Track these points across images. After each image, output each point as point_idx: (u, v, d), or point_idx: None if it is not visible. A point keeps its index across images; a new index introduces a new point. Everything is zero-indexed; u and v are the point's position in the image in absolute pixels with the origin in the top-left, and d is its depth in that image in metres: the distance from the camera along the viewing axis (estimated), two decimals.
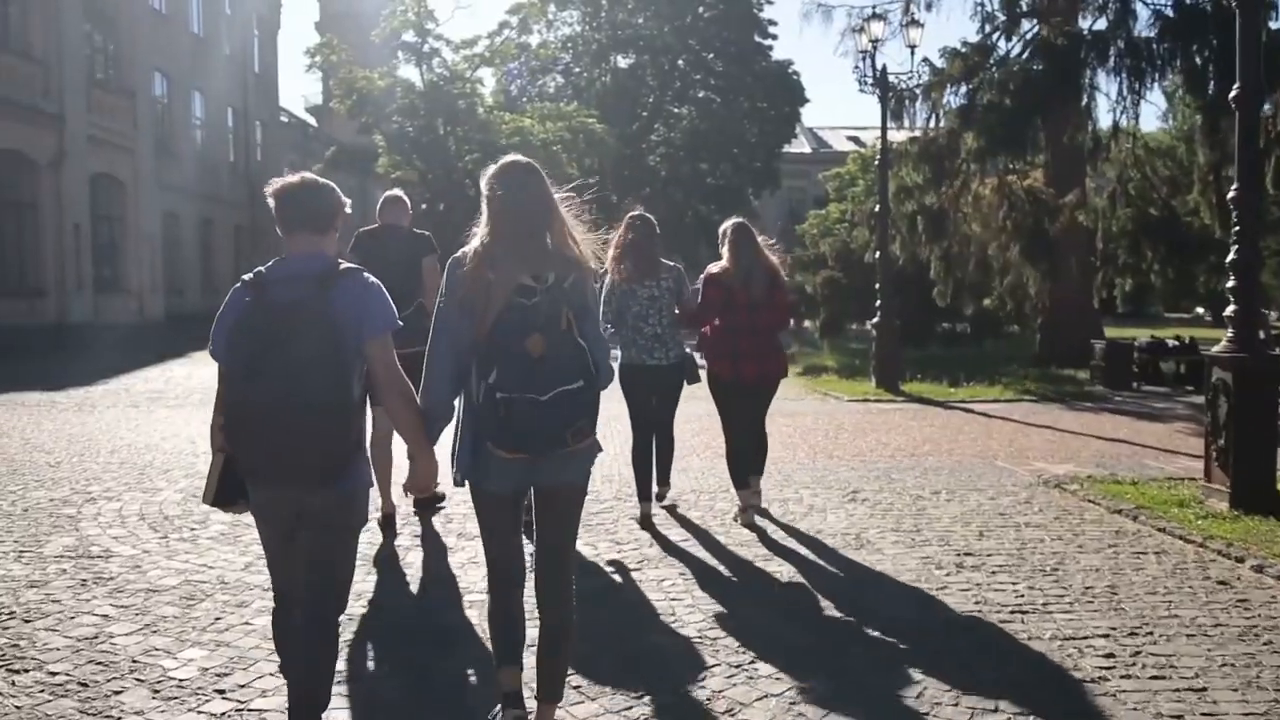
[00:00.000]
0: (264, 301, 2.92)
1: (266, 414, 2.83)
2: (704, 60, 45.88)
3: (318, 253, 3.04)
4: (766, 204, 56.61)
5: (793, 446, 9.53)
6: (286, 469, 2.89)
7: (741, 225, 6.52)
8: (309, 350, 2.84)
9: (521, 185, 3.04)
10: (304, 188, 3.06)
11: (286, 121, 51.01)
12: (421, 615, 4.75)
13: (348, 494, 3.02)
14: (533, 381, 2.81)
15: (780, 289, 6.45)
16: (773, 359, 6.42)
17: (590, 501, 6.94)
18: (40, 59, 23.48)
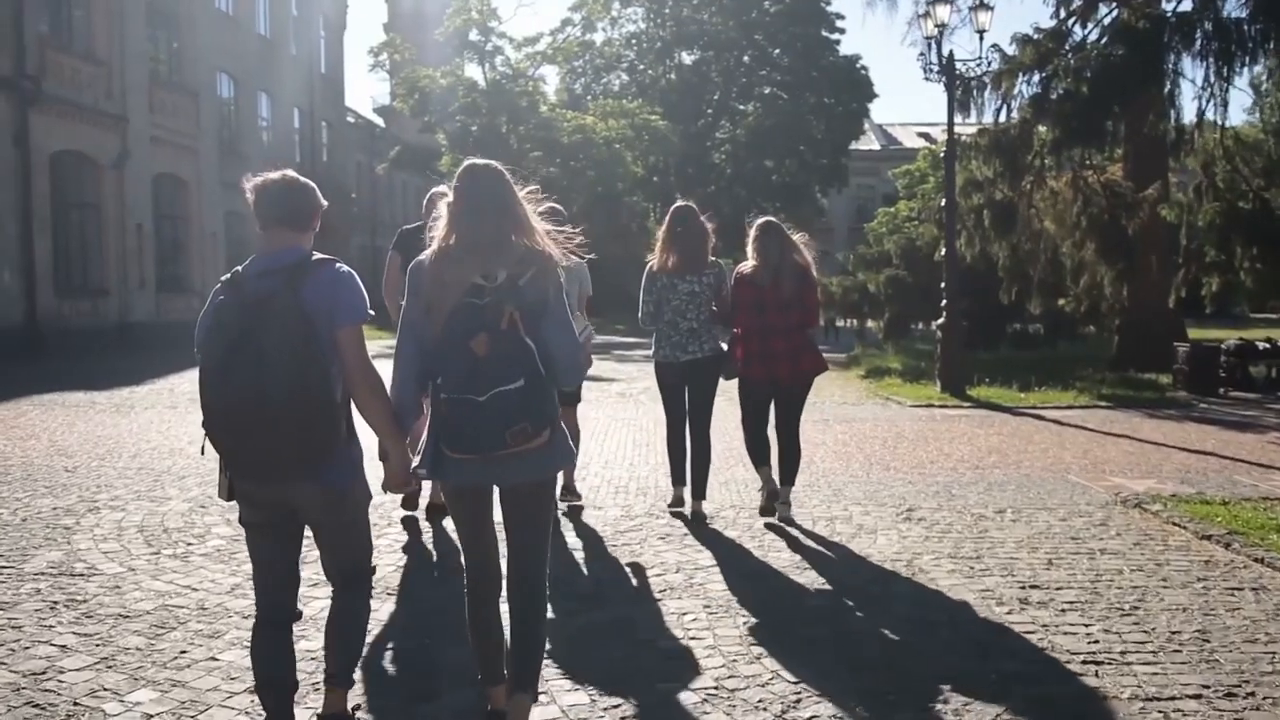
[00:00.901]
0: (237, 298, 2.92)
1: (241, 409, 2.82)
2: (769, 55, 45.16)
3: (293, 247, 3.02)
4: (834, 202, 55.71)
5: (846, 457, 8.89)
6: (265, 464, 2.89)
7: (768, 224, 6.39)
8: (280, 343, 2.82)
9: (482, 186, 3.02)
10: (284, 184, 3.05)
11: (353, 122, 51.32)
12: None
13: (336, 488, 2.99)
14: (472, 382, 2.79)
15: (811, 287, 6.29)
16: (806, 358, 6.29)
17: (620, 517, 6.47)
18: (104, 61, 23.66)
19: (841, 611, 4.68)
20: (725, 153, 46.50)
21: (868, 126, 53.92)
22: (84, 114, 22.55)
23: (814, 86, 44.06)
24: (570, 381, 3.14)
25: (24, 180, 20.48)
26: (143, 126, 24.73)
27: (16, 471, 7.88)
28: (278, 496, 2.98)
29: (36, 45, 20.99)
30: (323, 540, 3.12)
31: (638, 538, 5.99)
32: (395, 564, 5.39)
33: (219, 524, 6.19)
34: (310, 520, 3.07)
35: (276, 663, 3.11)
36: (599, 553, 5.68)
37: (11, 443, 9.29)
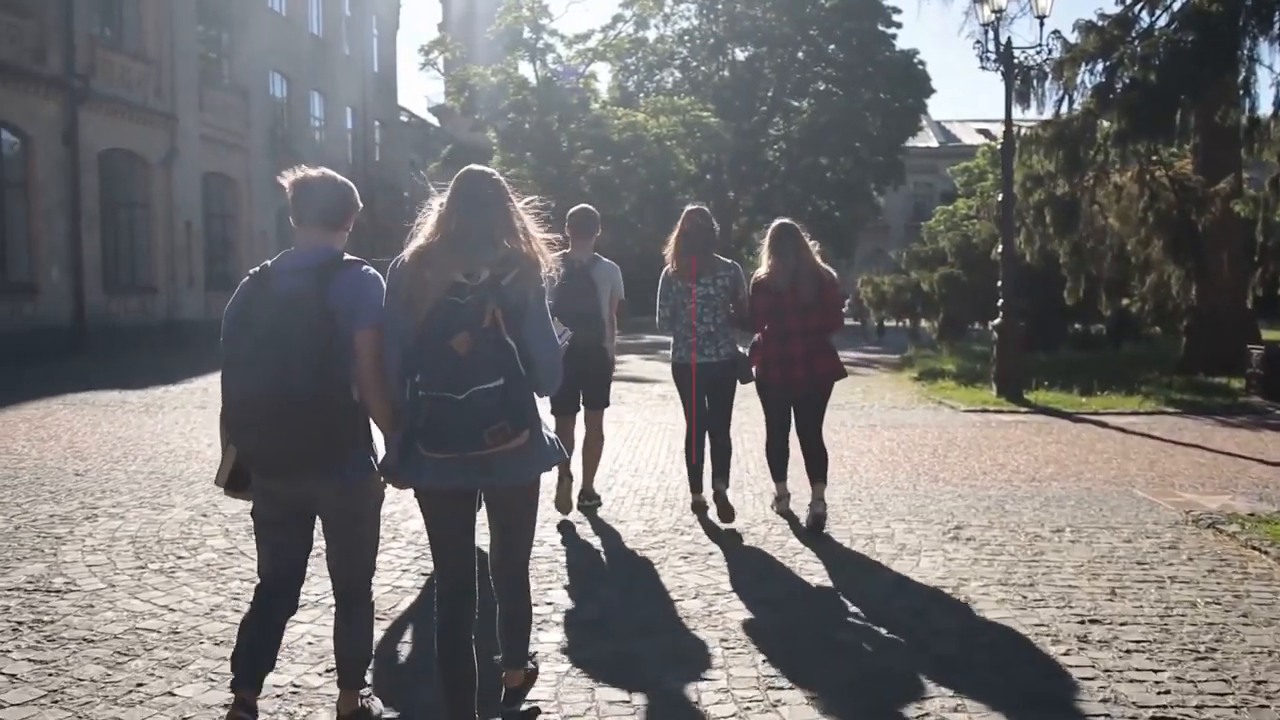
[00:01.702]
0: (264, 293, 2.95)
1: (260, 403, 2.86)
2: (824, 51, 44.30)
3: (325, 247, 3.05)
4: (891, 200, 54.67)
5: (893, 466, 8.34)
6: (282, 459, 2.92)
7: (784, 226, 6.28)
8: (303, 340, 2.85)
9: (474, 188, 3.01)
10: (322, 183, 3.08)
11: (406, 121, 51.48)
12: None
13: (353, 485, 3.03)
14: (452, 380, 2.75)
15: (829, 290, 6.16)
16: (822, 362, 6.18)
17: (642, 533, 6.01)
18: (154, 59, 23.73)
19: (874, 649, 4.17)
20: (779, 150, 45.72)
21: (925, 123, 52.78)
22: (133, 112, 22.61)
23: (869, 82, 43.10)
24: (550, 387, 3.03)
25: (73, 178, 20.55)
26: (192, 125, 24.78)
27: (26, 475, 7.64)
28: (294, 490, 3.03)
29: (87, 44, 21.06)
30: (333, 535, 3.14)
31: (658, 556, 5.53)
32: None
33: (215, 535, 5.85)
34: (325, 515, 3.11)
35: (258, 644, 3.14)
36: (613, 573, 5.24)
37: (31, 443, 9.09)
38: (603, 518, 6.48)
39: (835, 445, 9.26)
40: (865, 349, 26.48)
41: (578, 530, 6.09)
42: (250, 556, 5.37)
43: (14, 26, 19.35)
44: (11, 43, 19.24)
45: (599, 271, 6.23)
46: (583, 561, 5.43)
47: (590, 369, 6.04)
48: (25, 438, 9.41)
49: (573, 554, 5.57)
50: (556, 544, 5.75)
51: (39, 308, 19.79)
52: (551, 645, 4.13)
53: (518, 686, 3.34)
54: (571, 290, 5.79)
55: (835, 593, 4.90)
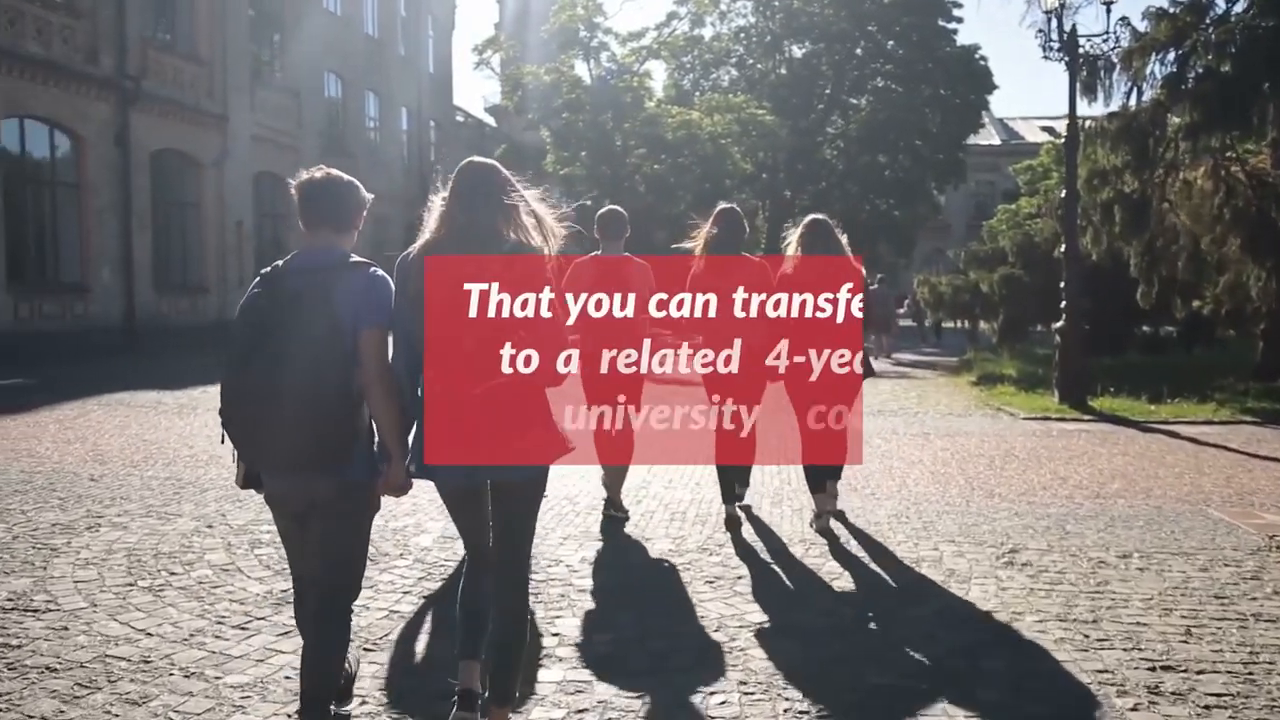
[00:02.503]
0: (271, 293, 2.96)
1: (257, 401, 2.86)
2: (882, 47, 43.42)
3: (333, 248, 3.06)
4: (951, 199, 53.57)
5: (944, 480, 7.80)
6: (280, 456, 2.93)
7: (816, 222, 6.21)
8: (305, 341, 2.85)
9: (475, 181, 3.04)
10: (326, 184, 3.08)
11: (462, 121, 51.53)
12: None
13: (352, 484, 3.00)
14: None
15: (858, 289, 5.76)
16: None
17: (668, 551, 5.59)
18: (206, 61, 23.82)
19: (913, 696, 3.68)
20: (836, 148, 44.90)
21: (987, 120, 51.57)
22: (185, 113, 22.71)
23: (929, 78, 42.09)
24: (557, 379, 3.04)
25: (125, 178, 20.67)
26: (244, 125, 24.85)
27: (40, 480, 7.42)
28: (297, 489, 3.02)
29: (139, 45, 21.17)
30: (323, 541, 3.09)
31: (682, 580, 5.10)
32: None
33: (216, 548, 5.54)
34: (320, 515, 3.05)
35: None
36: (630, 599, 4.81)
37: (55, 446, 8.91)
38: (628, 533, 6.07)
39: (884, 456, 8.80)
40: (922, 351, 25.78)
41: (599, 548, 5.69)
42: (248, 574, 5.08)
43: (67, 28, 19.49)
44: (64, 44, 19.37)
45: (629, 270, 6.16)
46: (600, 585, 5.01)
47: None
48: (52, 439, 9.25)
49: (590, 576, 5.15)
50: (574, 564, 5.34)
51: (90, 307, 19.92)
52: (550, 685, 3.73)
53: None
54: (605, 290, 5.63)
55: (874, 627, 4.43)
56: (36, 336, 18.29)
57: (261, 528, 5.97)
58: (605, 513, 6.27)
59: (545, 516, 6.35)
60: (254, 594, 4.75)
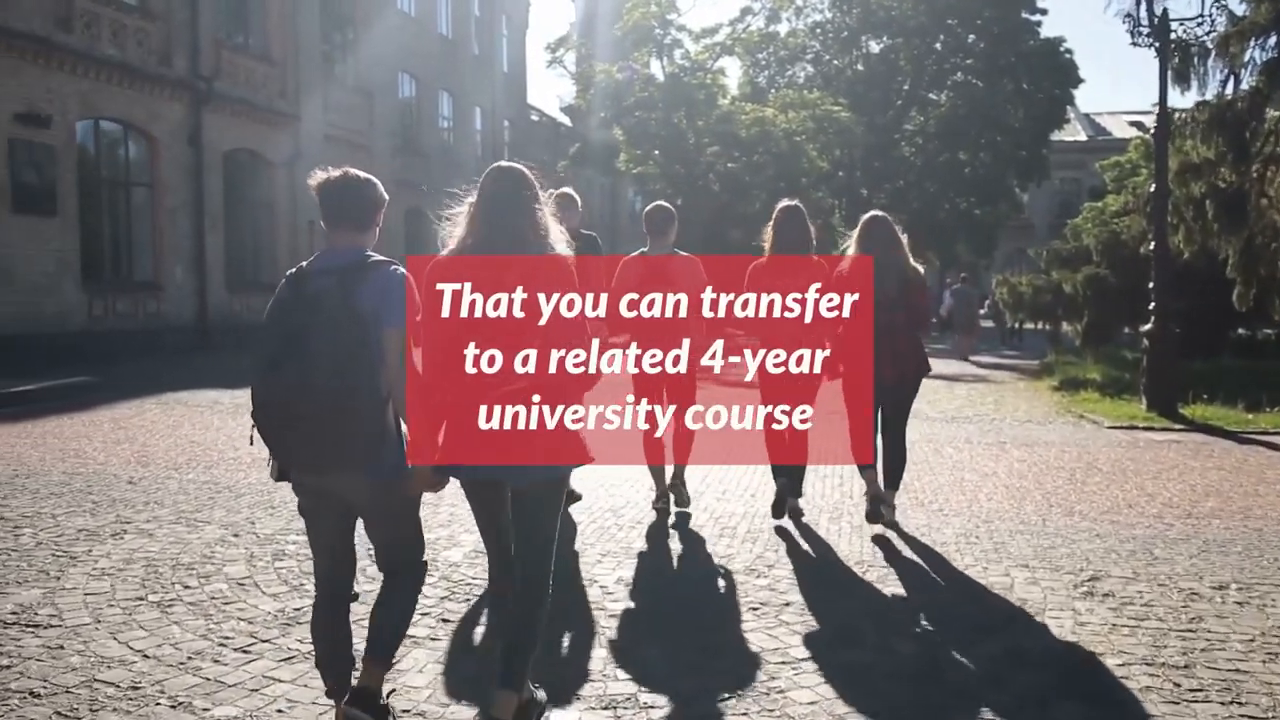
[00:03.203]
0: (296, 294, 2.98)
1: (286, 402, 2.87)
2: (963, 41, 42.30)
3: (354, 246, 3.08)
4: (1034, 196, 52.09)
5: (1020, 495, 7.25)
6: (307, 455, 2.95)
7: (874, 219, 6.11)
8: (329, 341, 2.86)
9: (502, 187, 3.08)
10: (344, 183, 3.09)
11: (537, 120, 51.63)
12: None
13: (382, 482, 3.02)
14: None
15: (915, 287, 6.00)
16: (910, 360, 6.01)
17: (714, 573, 5.17)
18: (278, 61, 23.98)
19: None
20: (915, 145, 43.89)
21: (1072, 115, 49.99)
22: (257, 113, 22.85)
23: (1012, 72, 40.84)
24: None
25: (197, 178, 20.85)
26: (316, 125, 24.98)
27: (80, 482, 7.29)
28: (326, 487, 3.05)
29: (212, 46, 21.35)
30: (371, 531, 3.19)
31: (724, 605, 4.70)
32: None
33: (237, 560, 5.28)
34: (360, 511, 3.15)
35: (334, 641, 3.21)
36: (665, 627, 4.40)
37: (104, 446, 8.82)
38: (671, 550, 5.69)
39: (956, 466, 8.27)
40: (1001, 353, 24.89)
41: (637, 567, 5.30)
42: (264, 589, 4.80)
43: (141, 30, 19.69)
44: (138, 46, 19.58)
45: (675, 267, 6.12)
46: (632, 611, 4.62)
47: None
48: (102, 439, 9.17)
49: (623, 599, 4.77)
50: (609, 584, 4.97)
51: (162, 306, 20.12)
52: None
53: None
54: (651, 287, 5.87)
55: (932, 666, 3.96)
56: (110, 335, 18.51)
57: (289, 538, 5.72)
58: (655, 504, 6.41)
59: (586, 530, 6.01)
60: (264, 613, 4.47)
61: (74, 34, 17.99)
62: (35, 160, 17.10)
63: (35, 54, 17.10)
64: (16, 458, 8.21)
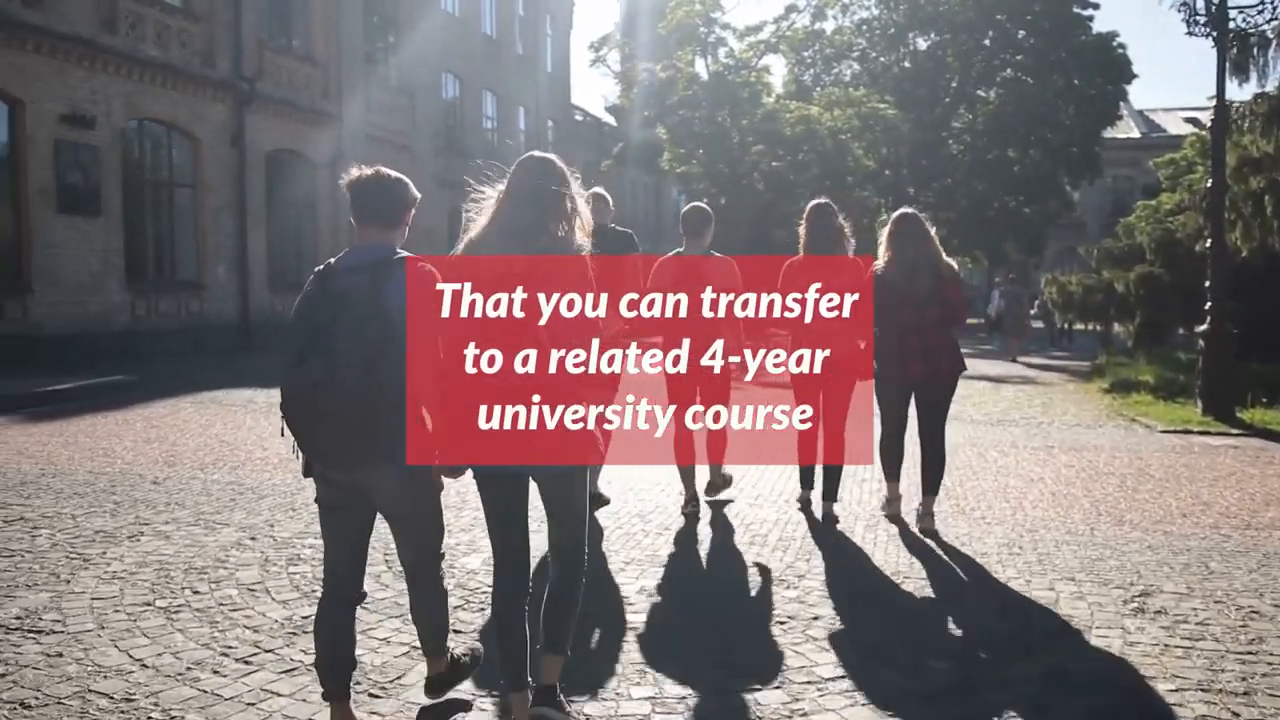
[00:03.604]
0: (323, 290, 3.00)
1: (312, 397, 2.90)
2: (1012, 36, 41.55)
3: (382, 244, 3.10)
4: (1086, 194, 51.12)
5: (1067, 502, 6.93)
6: (334, 451, 2.96)
7: (904, 216, 6.04)
8: (355, 337, 2.89)
9: (530, 177, 3.06)
10: (374, 182, 3.12)
11: (581, 120, 51.58)
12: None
13: (406, 478, 3.03)
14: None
15: (949, 284, 5.88)
16: (943, 357, 5.89)
17: (741, 583, 4.95)
18: (320, 62, 24.08)
19: None
20: (963, 143, 43.22)
21: (1125, 112, 48.97)
22: (299, 114, 22.95)
23: (1062, 68, 40.03)
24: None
25: (240, 178, 20.97)
26: (358, 125, 25.04)
27: (105, 481, 7.22)
28: (351, 480, 3.05)
29: (255, 47, 21.46)
30: (394, 525, 3.22)
31: (750, 619, 4.46)
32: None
33: (251, 564, 5.15)
34: (381, 505, 3.15)
35: (337, 641, 3.19)
36: (683, 643, 4.18)
37: (133, 445, 8.77)
38: (698, 558, 5.48)
39: (1000, 471, 7.97)
40: (1051, 354, 24.33)
41: (662, 576, 5.09)
42: (274, 595, 4.65)
43: (185, 31, 19.82)
44: (182, 47, 19.72)
45: (711, 268, 6.10)
46: (652, 624, 4.40)
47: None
48: (133, 438, 9.13)
49: (644, 612, 4.55)
50: (630, 594, 4.76)
51: (205, 305, 20.24)
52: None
53: (550, 684, 3.17)
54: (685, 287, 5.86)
55: (967, 689, 3.70)
56: (153, 334, 18.65)
57: (305, 541, 5.58)
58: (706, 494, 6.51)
59: (611, 537, 5.81)
60: (271, 621, 4.32)
61: (119, 35, 18.14)
62: (80, 161, 17.26)
63: (80, 56, 17.25)
64: (46, 456, 8.18)
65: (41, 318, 16.59)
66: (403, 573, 3.43)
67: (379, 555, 5.02)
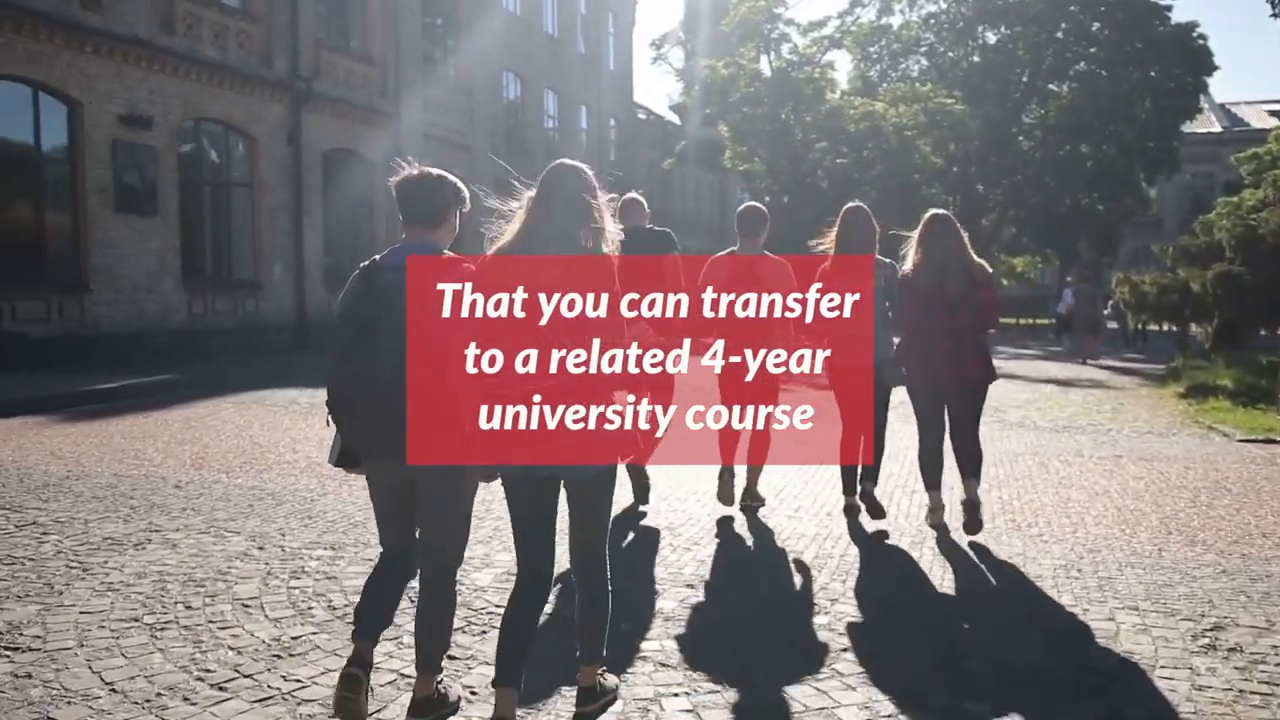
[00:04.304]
0: (367, 288, 3.10)
1: (354, 390, 3.03)
2: (1086, 28, 40.28)
3: (425, 243, 3.18)
4: (1163, 190, 49.59)
5: (1134, 518, 6.42)
6: (374, 442, 3.09)
7: (935, 218, 5.89)
8: (395, 333, 2.96)
9: (558, 185, 3.08)
10: (418, 182, 3.22)
11: (644, 119, 51.28)
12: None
13: (445, 471, 3.10)
14: None
15: (982, 287, 5.74)
16: (973, 362, 5.74)
17: (770, 605, 4.56)
18: (378, 61, 24.10)
19: None
20: (1034, 138, 42.01)
21: (1206, 105, 47.30)
22: (356, 113, 22.97)
23: (1139, 60, 38.65)
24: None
25: (296, 177, 21.02)
26: (415, 124, 25.02)
27: (127, 485, 7.07)
28: (396, 471, 3.13)
29: (312, 47, 21.51)
30: (425, 520, 3.26)
31: (774, 648, 4.08)
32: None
33: (253, 577, 4.90)
34: (421, 496, 3.21)
35: (379, 597, 3.32)
36: (700, 674, 3.82)
37: (165, 446, 8.64)
38: (726, 578, 5.10)
39: (1062, 483, 7.48)
40: (1124, 356, 23.41)
41: (685, 597, 4.73)
42: (268, 612, 4.41)
43: (242, 32, 19.91)
44: (240, 48, 19.80)
45: (765, 268, 6.12)
46: (668, 651, 4.03)
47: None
48: (167, 439, 9.01)
49: (660, 639, 4.19)
50: (646, 619, 4.40)
51: (261, 304, 20.32)
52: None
53: (590, 686, 3.28)
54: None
55: None
56: (209, 333, 18.75)
57: (314, 552, 5.34)
58: (743, 503, 6.42)
59: (635, 550, 5.46)
60: (258, 641, 4.05)
61: (176, 36, 18.25)
62: (137, 161, 17.39)
63: (138, 57, 17.38)
64: (76, 457, 8.08)
65: (98, 316, 16.75)
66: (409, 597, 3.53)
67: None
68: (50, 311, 16.03)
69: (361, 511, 6.24)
